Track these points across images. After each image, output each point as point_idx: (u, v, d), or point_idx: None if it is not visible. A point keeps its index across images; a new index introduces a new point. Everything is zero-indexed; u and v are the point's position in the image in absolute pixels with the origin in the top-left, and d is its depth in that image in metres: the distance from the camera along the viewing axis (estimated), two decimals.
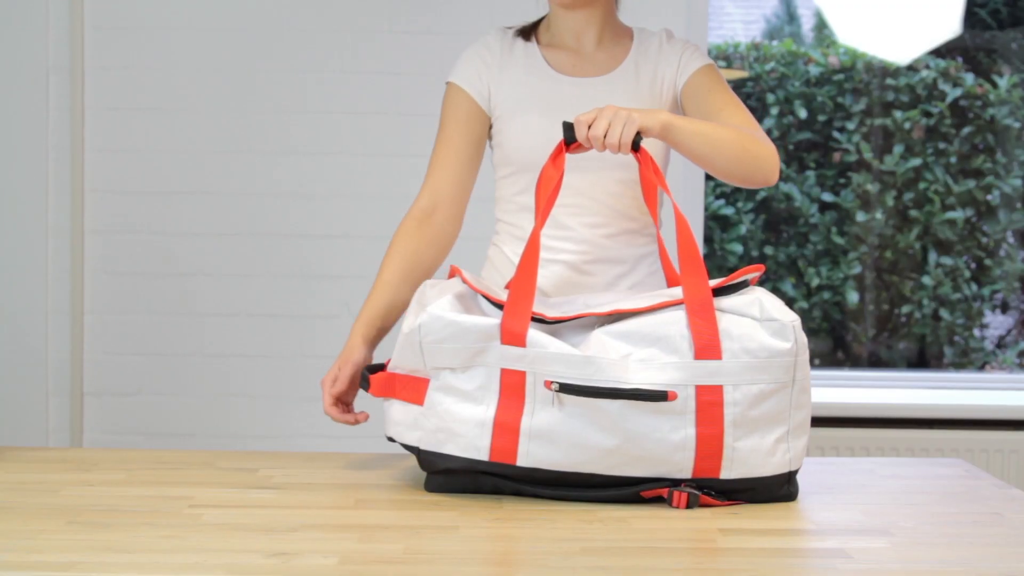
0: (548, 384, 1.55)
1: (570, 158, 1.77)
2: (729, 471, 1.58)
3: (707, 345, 1.57)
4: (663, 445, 1.55)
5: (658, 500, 1.60)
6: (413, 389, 1.62)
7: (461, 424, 1.59)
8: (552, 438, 1.57)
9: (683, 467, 1.57)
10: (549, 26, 1.98)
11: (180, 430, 3.26)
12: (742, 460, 1.58)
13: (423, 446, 1.61)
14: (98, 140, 3.23)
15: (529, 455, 1.57)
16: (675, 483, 1.58)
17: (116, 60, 3.22)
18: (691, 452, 1.56)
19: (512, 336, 1.57)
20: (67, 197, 3.22)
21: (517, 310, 1.58)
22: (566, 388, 1.54)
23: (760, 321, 1.59)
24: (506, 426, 1.57)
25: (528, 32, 2.00)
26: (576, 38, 1.96)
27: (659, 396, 1.54)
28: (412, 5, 3.24)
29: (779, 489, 1.62)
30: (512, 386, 1.57)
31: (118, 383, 3.26)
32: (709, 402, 1.56)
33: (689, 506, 1.57)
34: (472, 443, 1.58)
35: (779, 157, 1.83)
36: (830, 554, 1.38)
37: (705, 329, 1.58)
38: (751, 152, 1.78)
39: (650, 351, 1.57)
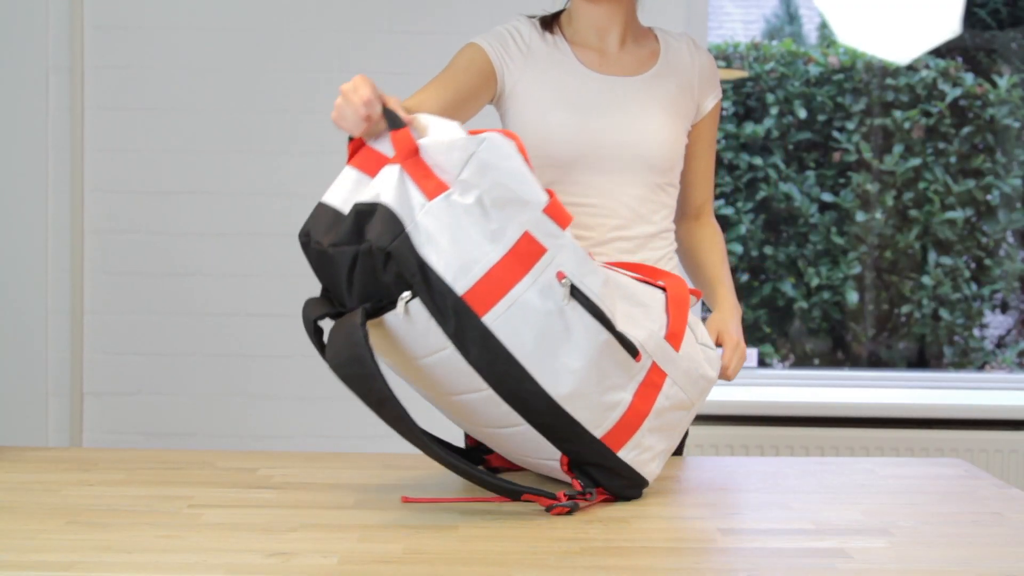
0: (560, 276, 1.49)
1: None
2: (626, 453, 1.57)
3: (675, 333, 1.60)
4: (605, 397, 1.54)
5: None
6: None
7: (467, 241, 1.48)
8: (530, 324, 1.49)
9: (601, 425, 1.55)
10: (571, 20, 1.95)
11: (180, 430, 3.26)
12: (639, 451, 1.59)
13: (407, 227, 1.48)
14: (98, 140, 3.23)
15: (503, 323, 1.48)
16: (553, 495, 1.55)
17: (116, 60, 3.22)
18: (616, 415, 1.55)
19: (558, 213, 1.51)
20: (67, 197, 3.22)
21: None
22: (575, 293, 1.50)
23: (701, 346, 1.67)
24: (497, 279, 1.48)
25: (550, 23, 1.95)
26: (600, 35, 1.93)
27: (632, 350, 1.53)
28: (412, 5, 3.24)
29: (631, 491, 1.62)
30: (525, 253, 1.49)
31: (118, 383, 3.26)
32: (652, 382, 1.58)
33: (569, 513, 1.55)
34: (462, 265, 1.47)
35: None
36: (830, 554, 1.39)
37: (678, 320, 1.62)
38: None
39: (635, 311, 1.59)
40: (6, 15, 3.18)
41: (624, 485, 1.60)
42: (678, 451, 1.90)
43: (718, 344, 1.81)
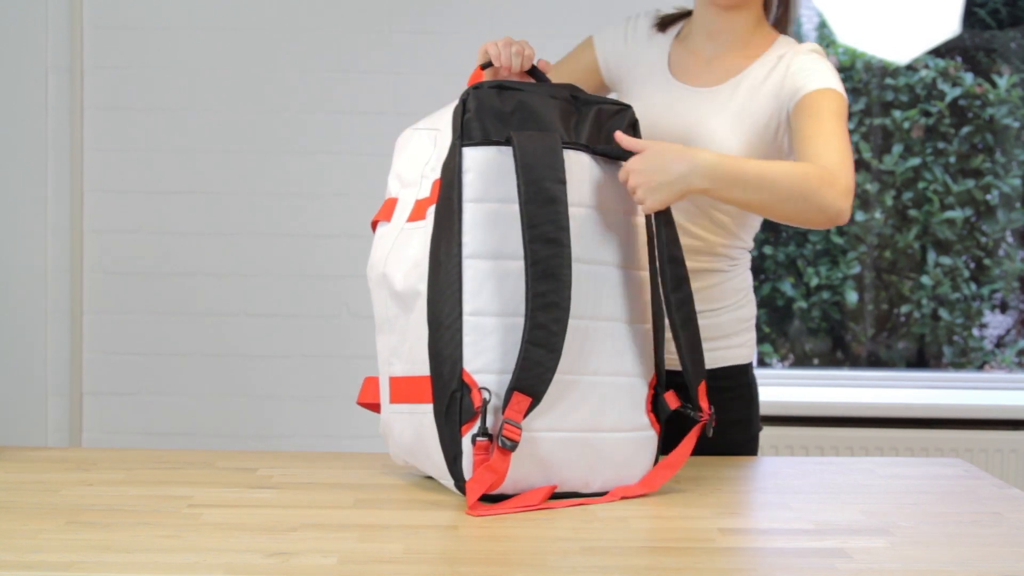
0: None
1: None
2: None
3: None
4: None
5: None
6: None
7: None
8: None
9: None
10: (691, 22, 1.98)
11: (179, 430, 3.26)
12: None
13: None
14: (97, 140, 3.23)
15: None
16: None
17: (115, 59, 3.22)
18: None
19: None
20: (66, 197, 3.22)
21: None
22: None
23: None
24: None
25: (670, 22, 2.00)
26: (712, 38, 1.93)
27: None
28: (412, 5, 3.24)
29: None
30: None
31: (117, 383, 3.26)
32: None
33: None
34: None
35: (851, 197, 1.75)
36: (830, 554, 1.39)
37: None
38: (808, 197, 1.69)
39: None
40: (6, 15, 3.18)
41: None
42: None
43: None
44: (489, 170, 1.58)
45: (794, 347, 4.00)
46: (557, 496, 1.59)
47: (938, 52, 3.94)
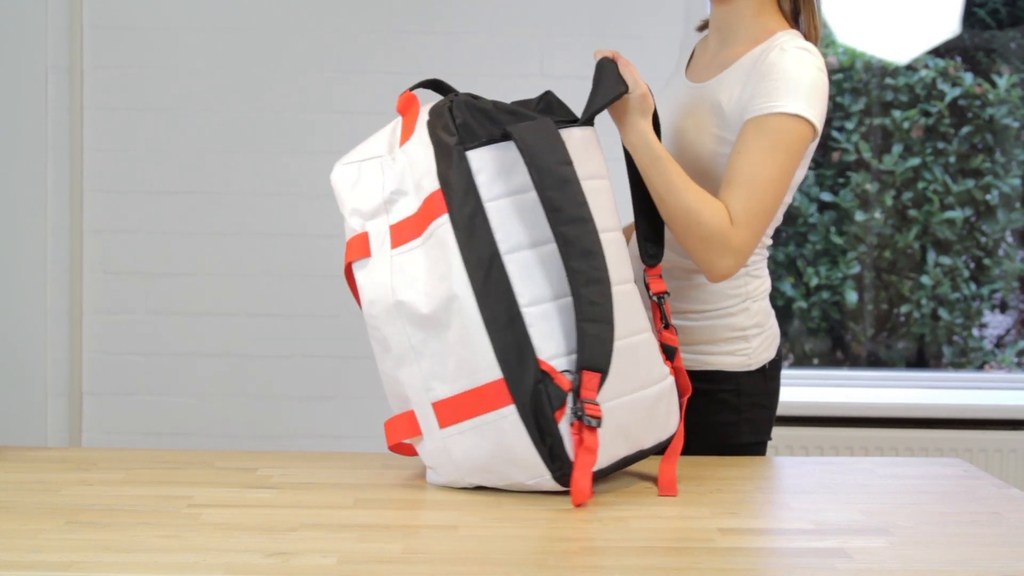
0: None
1: None
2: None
3: None
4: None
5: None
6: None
7: None
8: None
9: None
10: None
11: (179, 430, 3.26)
12: None
13: None
14: (97, 139, 3.23)
15: None
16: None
17: (115, 59, 3.22)
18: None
19: None
20: (66, 197, 3.22)
21: None
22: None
23: None
24: None
25: (707, 24, 2.03)
26: (717, 32, 1.94)
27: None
28: (412, 5, 3.24)
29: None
30: None
31: (117, 383, 3.26)
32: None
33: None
34: None
35: (745, 253, 1.73)
36: (829, 554, 1.39)
37: None
38: (695, 237, 1.73)
39: None
40: (6, 15, 3.18)
41: None
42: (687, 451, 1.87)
43: None
44: (499, 167, 1.60)
45: (794, 347, 4.00)
46: (621, 462, 1.67)
47: (938, 52, 3.94)
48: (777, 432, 3.28)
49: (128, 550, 1.35)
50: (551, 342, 1.56)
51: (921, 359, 3.97)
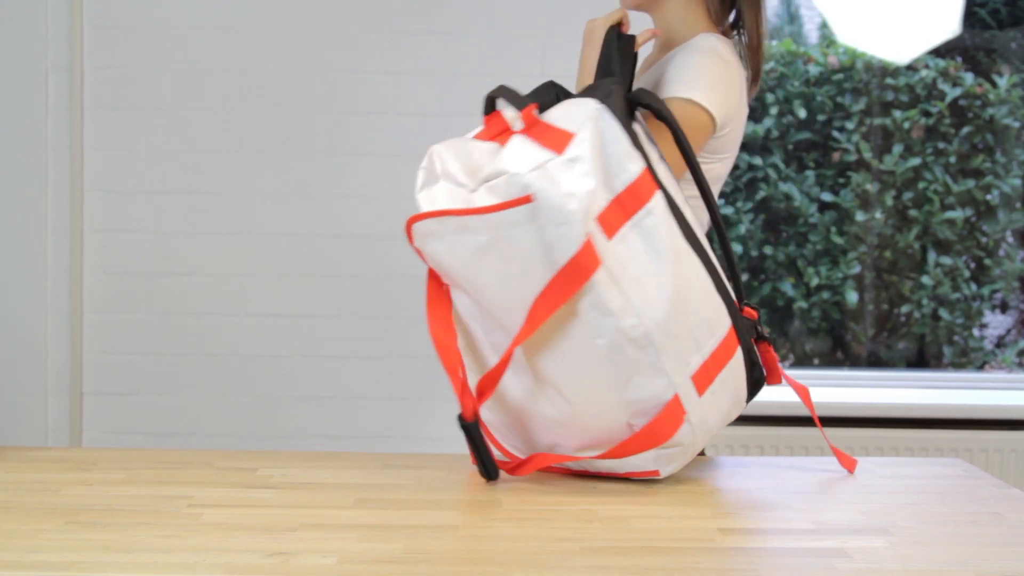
0: None
1: None
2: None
3: None
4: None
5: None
6: None
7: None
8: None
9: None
10: None
11: (179, 430, 3.26)
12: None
13: None
14: (97, 139, 3.23)
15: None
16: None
17: (115, 59, 3.22)
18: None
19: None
20: (66, 196, 3.22)
21: None
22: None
23: None
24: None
25: None
26: (657, 39, 2.01)
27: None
28: (412, 5, 3.24)
29: None
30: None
31: (117, 383, 3.26)
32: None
33: None
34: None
35: None
36: (829, 554, 1.38)
37: None
38: None
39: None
40: (6, 15, 3.18)
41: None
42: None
43: None
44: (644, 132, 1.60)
45: (794, 347, 4.00)
46: None
47: (938, 52, 3.94)
48: (777, 432, 3.29)
49: (128, 550, 1.35)
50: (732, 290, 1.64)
51: (921, 359, 3.97)
